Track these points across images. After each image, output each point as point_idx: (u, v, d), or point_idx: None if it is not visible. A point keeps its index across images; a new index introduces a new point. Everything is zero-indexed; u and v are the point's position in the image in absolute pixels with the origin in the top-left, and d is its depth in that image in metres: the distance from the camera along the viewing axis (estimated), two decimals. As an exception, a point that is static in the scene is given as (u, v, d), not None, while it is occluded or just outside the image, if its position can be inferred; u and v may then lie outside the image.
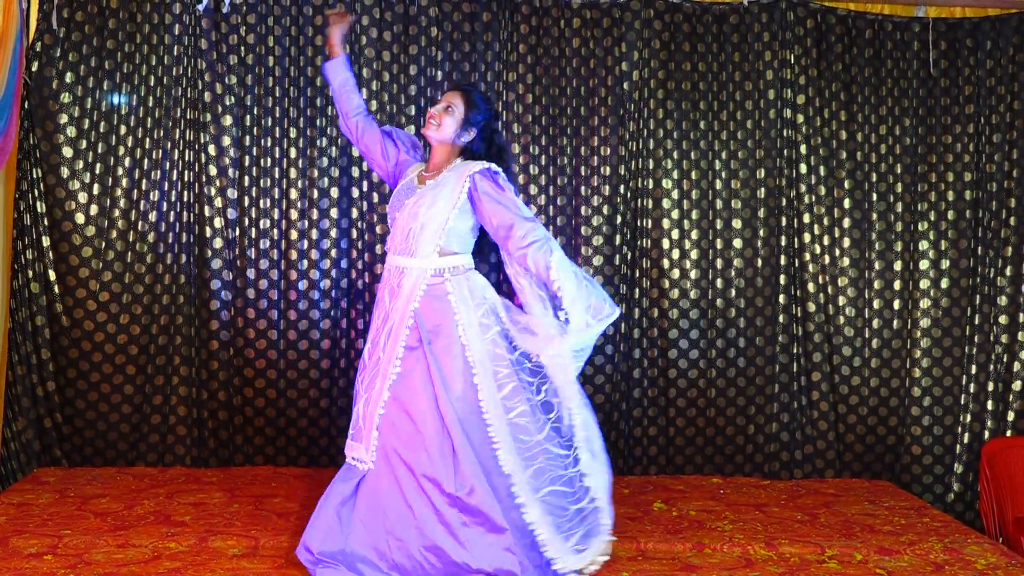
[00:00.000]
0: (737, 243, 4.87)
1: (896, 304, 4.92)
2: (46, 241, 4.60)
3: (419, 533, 3.21)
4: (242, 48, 4.68)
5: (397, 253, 3.37)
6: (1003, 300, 4.91)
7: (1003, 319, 4.91)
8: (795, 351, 4.90)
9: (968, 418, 4.92)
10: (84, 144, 4.61)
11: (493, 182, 3.29)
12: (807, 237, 4.88)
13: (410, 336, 3.28)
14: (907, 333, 4.93)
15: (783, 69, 4.85)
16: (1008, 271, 4.90)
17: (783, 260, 4.88)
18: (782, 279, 4.88)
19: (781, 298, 4.88)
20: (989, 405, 4.92)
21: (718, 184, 4.87)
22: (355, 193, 4.74)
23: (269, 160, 4.71)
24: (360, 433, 3.32)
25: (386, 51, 4.73)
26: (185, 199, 4.68)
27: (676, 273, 4.87)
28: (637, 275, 4.85)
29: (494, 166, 3.31)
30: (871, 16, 4.89)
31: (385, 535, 3.24)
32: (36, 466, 4.58)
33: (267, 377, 4.72)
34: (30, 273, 4.58)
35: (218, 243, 4.68)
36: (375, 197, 4.75)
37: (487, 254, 3.51)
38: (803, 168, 4.88)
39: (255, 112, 4.69)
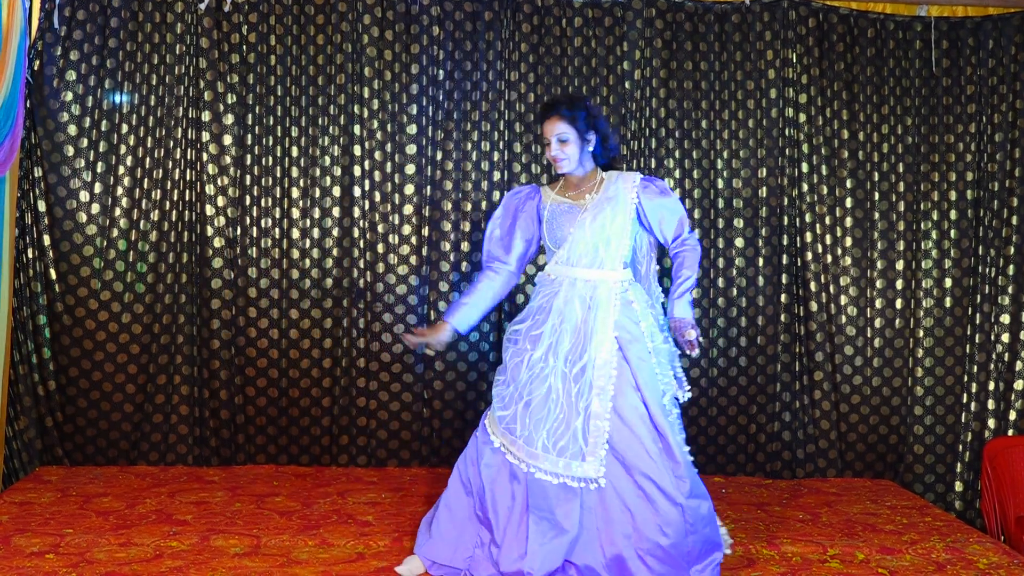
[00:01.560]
0: (739, 242, 4.87)
1: (898, 303, 4.92)
2: (47, 240, 4.60)
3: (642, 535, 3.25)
4: (244, 47, 4.68)
5: (585, 267, 3.40)
6: (1005, 299, 4.91)
7: (1005, 318, 4.91)
8: (797, 350, 4.90)
9: (970, 417, 4.93)
10: (85, 143, 4.61)
11: (656, 187, 3.45)
12: (809, 236, 4.88)
13: (614, 345, 3.33)
14: (909, 332, 4.93)
15: (785, 68, 4.85)
16: (1010, 270, 4.90)
17: (785, 259, 4.88)
18: (784, 278, 4.88)
19: (783, 297, 4.88)
20: (990, 404, 4.92)
21: (720, 183, 4.87)
22: (357, 192, 4.73)
23: (271, 159, 4.71)
24: (583, 451, 3.25)
25: (388, 50, 4.73)
26: (187, 198, 4.68)
27: (678, 272, 4.86)
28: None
29: (645, 175, 3.49)
30: (873, 15, 4.89)
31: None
32: (38, 465, 4.59)
33: (269, 376, 4.72)
34: (31, 272, 4.58)
35: (219, 242, 4.68)
36: (377, 196, 4.75)
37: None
38: (805, 167, 4.88)
39: (256, 111, 4.69)
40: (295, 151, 4.72)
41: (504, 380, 3.41)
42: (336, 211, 4.73)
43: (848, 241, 4.90)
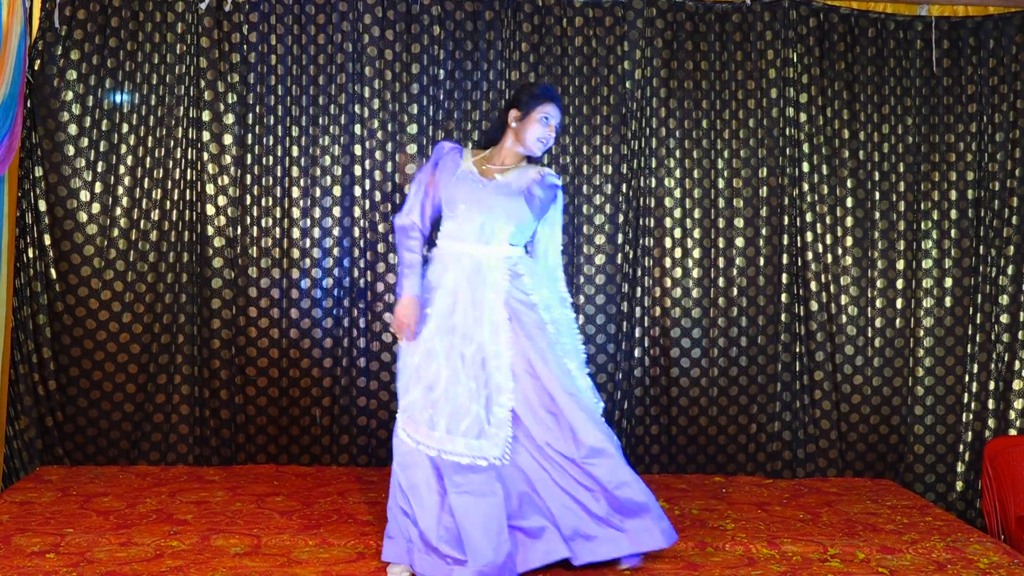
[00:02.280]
0: (739, 242, 4.87)
1: (898, 303, 4.92)
2: (48, 239, 4.60)
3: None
4: (244, 46, 4.68)
5: (472, 242, 3.43)
6: (1005, 299, 4.91)
7: (1005, 318, 4.91)
8: (797, 350, 4.89)
9: (970, 417, 4.93)
10: (86, 142, 4.61)
11: (555, 192, 3.56)
12: (809, 236, 4.88)
13: (506, 321, 3.38)
14: (909, 332, 4.93)
15: (785, 68, 4.85)
16: (1010, 270, 4.90)
17: (785, 259, 4.87)
18: (784, 278, 4.88)
19: (783, 296, 4.87)
20: (991, 404, 4.92)
21: (720, 183, 4.87)
22: (357, 191, 4.73)
23: (271, 158, 4.71)
24: (484, 430, 3.29)
25: (388, 49, 4.73)
26: (187, 197, 4.68)
27: (678, 272, 4.86)
28: (639, 273, 4.85)
29: (555, 175, 3.57)
30: (874, 15, 4.89)
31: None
32: (38, 464, 4.59)
33: (269, 375, 4.72)
34: (32, 271, 4.58)
35: (220, 241, 4.68)
36: (377, 195, 4.75)
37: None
38: (805, 167, 4.88)
39: (257, 110, 4.69)
40: (295, 150, 4.72)
41: (401, 365, 3.44)
42: (337, 211, 4.73)
43: (848, 241, 4.90)
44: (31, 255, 4.58)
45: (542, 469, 3.38)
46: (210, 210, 4.67)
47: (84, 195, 4.62)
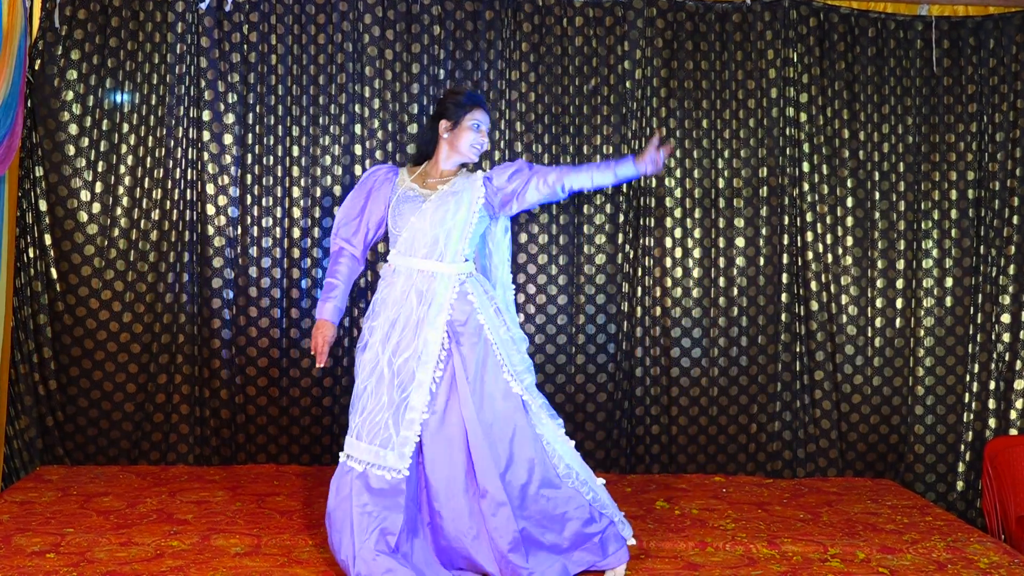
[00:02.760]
0: (739, 242, 4.87)
1: (899, 303, 4.92)
2: (48, 239, 4.60)
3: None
4: (244, 46, 4.68)
5: (422, 258, 3.41)
6: (1005, 299, 4.91)
7: (1005, 318, 4.91)
8: (797, 349, 4.89)
9: (971, 417, 4.92)
10: (86, 142, 4.61)
11: (501, 167, 3.53)
12: (809, 235, 4.88)
13: (444, 339, 3.35)
14: (910, 332, 4.93)
15: (785, 68, 4.85)
16: (1011, 270, 4.90)
17: (785, 258, 4.87)
18: (784, 277, 4.88)
19: (783, 296, 4.87)
20: (991, 404, 4.92)
21: (720, 183, 4.87)
22: (357, 191, 4.73)
23: (272, 158, 4.71)
24: (391, 440, 3.27)
25: (388, 49, 4.73)
26: (188, 197, 4.68)
27: (679, 271, 4.86)
28: (640, 273, 4.85)
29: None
30: (874, 14, 4.89)
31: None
32: (39, 464, 4.59)
33: (269, 375, 4.72)
34: (32, 271, 4.58)
35: (220, 241, 4.68)
36: (377, 195, 4.75)
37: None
38: (805, 167, 4.88)
39: (257, 110, 4.69)
40: (296, 150, 4.72)
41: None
42: (337, 211, 4.72)
43: (849, 240, 4.90)
44: (31, 255, 4.59)
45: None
46: (210, 210, 4.67)
47: (84, 195, 4.62)
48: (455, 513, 3.29)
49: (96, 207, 4.63)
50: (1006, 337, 4.91)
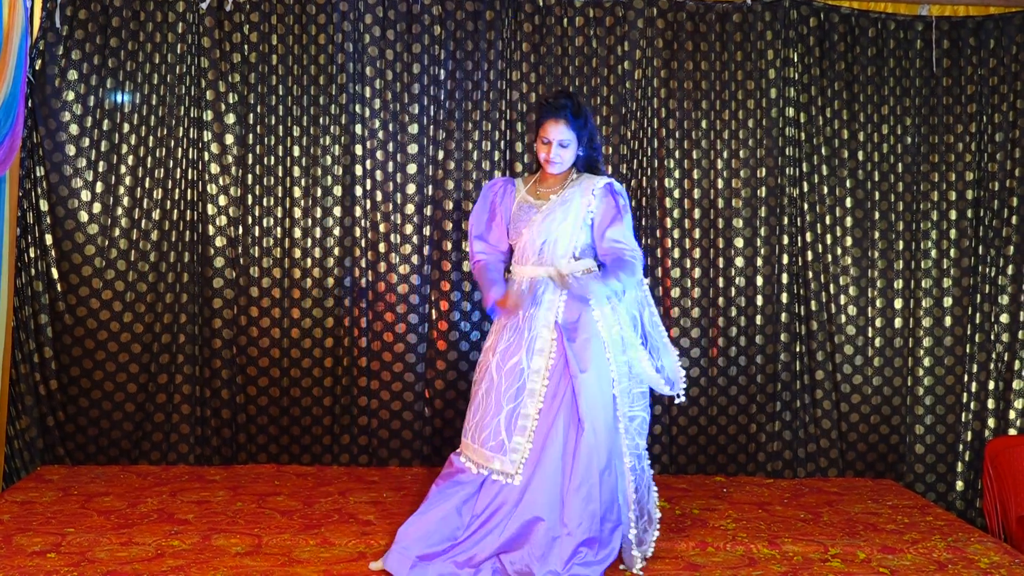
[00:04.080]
0: (739, 242, 4.87)
1: (898, 303, 4.92)
2: (49, 239, 4.60)
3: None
4: (245, 46, 4.68)
5: (532, 264, 3.44)
6: (1004, 299, 4.91)
7: (1004, 318, 4.91)
8: (797, 349, 4.90)
9: (970, 416, 4.93)
10: (87, 142, 4.61)
11: (614, 200, 3.44)
12: (809, 236, 4.88)
13: (555, 343, 3.36)
14: (909, 331, 4.93)
15: (785, 68, 4.85)
16: (1009, 270, 4.90)
17: (785, 259, 4.88)
18: (784, 278, 4.88)
19: (783, 296, 4.88)
20: (990, 404, 4.92)
21: (720, 183, 4.87)
22: (358, 191, 4.73)
23: (272, 158, 4.71)
24: (504, 447, 3.31)
25: (389, 49, 4.73)
26: (188, 197, 4.68)
27: (678, 272, 4.86)
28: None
29: (615, 183, 3.48)
30: (874, 15, 4.89)
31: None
32: (39, 464, 4.59)
33: (270, 375, 4.72)
34: (33, 271, 4.58)
35: (221, 241, 4.68)
36: (378, 195, 4.75)
37: None
38: (805, 167, 4.88)
39: (258, 110, 4.70)
40: (296, 150, 4.72)
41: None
42: (337, 210, 4.73)
43: (848, 241, 4.90)
44: (32, 254, 4.59)
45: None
46: (211, 210, 4.67)
47: (85, 195, 4.62)
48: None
49: (97, 207, 4.63)
50: (1005, 337, 4.91)
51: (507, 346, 3.40)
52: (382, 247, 4.76)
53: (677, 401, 3.54)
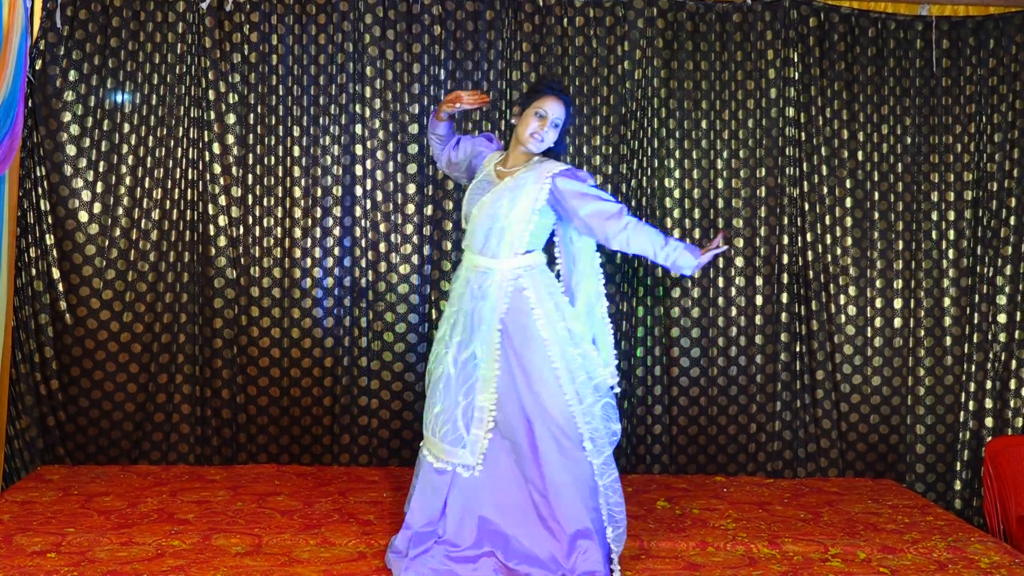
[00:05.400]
0: (739, 242, 4.87)
1: (897, 303, 4.92)
2: (49, 239, 4.60)
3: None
4: (245, 46, 4.68)
5: (478, 253, 3.41)
6: (1002, 299, 4.91)
7: (1002, 318, 4.91)
8: (797, 349, 4.90)
9: (968, 416, 4.93)
10: (87, 142, 4.62)
11: (575, 179, 3.38)
12: (809, 236, 4.88)
13: (500, 338, 3.36)
14: (908, 331, 4.93)
15: (785, 68, 4.85)
16: (1008, 270, 4.90)
17: (785, 258, 4.88)
18: (784, 277, 4.88)
19: (783, 296, 4.88)
20: (988, 403, 4.92)
21: (720, 183, 4.87)
22: (358, 191, 4.74)
23: (272, 158, 4.71)
24: (463, 439, 3.33)
25: (389, 49, 4.73)
26: (188, 197, 4.68)
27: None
28: (641, 273, 4.86)
29: (568, 165, 3.43)
30: (874, 14, 4.89)
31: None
32: (39, 464, 4.59)
33: (270, 375, 4.72)
34: (33, 271, 4.58)
35: (222, 241, 4.68)
36: (378, 195, 4.76)
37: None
38: (805, 167, 4.88)
39: (258, 110, 4.70)
40: (297, 150, 4.72)
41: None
42: (338, 210, 4.73)
43: (847, 241, 4.91)
44: (33, 254, 4.59)
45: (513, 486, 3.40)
46: (211, 209, 4.67)
47: (86, 195, 4.62)
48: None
49: (97, 207, 4.63)
50: (1003, 337, 4.91)
51: (462, 339, 3.38)
52: (382, 247, 4.76)
53: (616, 391, 3.49)
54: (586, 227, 3.39)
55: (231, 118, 4.68)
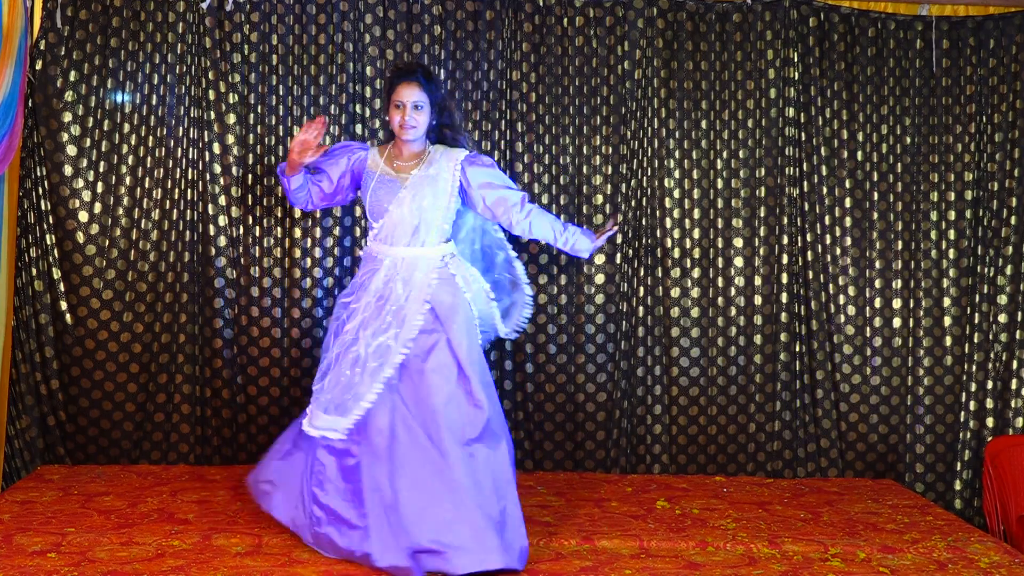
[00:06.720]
0: (738, 242, 4.87)
1: (897, 303, 4.92)
2: (50, 239, 4.60)
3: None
4: (246, 46, 4.68)
5: (404, 246, 3.49)
6: (1003, 299, 4.91)
7: (1003, 317, 4.91)
8: (797, 349, 4.90)
9: (968, 416, 4.93)
10: (88, 142, 4.62)
11: (480, 165, 3.56)
12: (808, 236, 4.88)
13: (425, 321, 3.41)
14: (908, 331, 4.94)
15: (785, 68, 4.85)
16: (1008, 270, 4.90)
17: (784, 258, 4.88)
18: (783, 277, 4.88)
19: (783, 296, 4.88)
20: (988, 403, 4.92)
21: (719, 183, 4.87)
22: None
23: (273, 158, 4.71)
24: (344, 408, 3.38)
25: (389, 49, 4.74)
26: (189, 197, 4.69)
27: (677, 272, 4.87)
28: (641, 273, 4.86)
29: (470, 150, 3.61)
30: (874, 14, 4.89)
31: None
32: (39, 464, 4.58)
33: (270, 375, 4.72)
34: (33, 271, 4.58)
35: (222, 241, 4.68)
36: (378, 195, 4.75)
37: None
38: (805, 167, 4.88)
39: (259, 110, 4.70)
40: (297, 150, 4.72)
41: (323, 354, 3.59)
42: (337, 210, 4.73)
43: (847, 241, 4.91)
44: (33, 254, 4.59)
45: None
46: (211, 209, 4.67)
47: (86, 195, 4.62)
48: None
49: (97, 207, 4.63)
50: (1003, 337, 4.92)
51: (380, 325, 3.41)
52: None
53: (512, 338, 3.69)
54: (490, 213, 3.59)
55: (231, 118, 4.68)
